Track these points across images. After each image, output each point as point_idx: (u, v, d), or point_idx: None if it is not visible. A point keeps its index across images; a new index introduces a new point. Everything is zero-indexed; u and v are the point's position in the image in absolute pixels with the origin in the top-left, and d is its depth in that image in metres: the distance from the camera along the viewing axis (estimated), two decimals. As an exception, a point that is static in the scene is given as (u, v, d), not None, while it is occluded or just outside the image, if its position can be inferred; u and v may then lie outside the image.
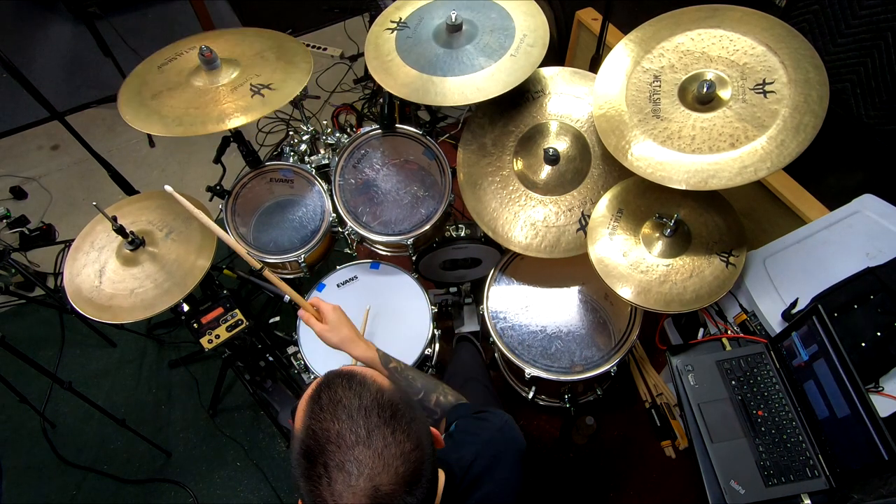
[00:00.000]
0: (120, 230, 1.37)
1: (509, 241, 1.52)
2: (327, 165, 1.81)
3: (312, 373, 1.57)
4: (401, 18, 1.55)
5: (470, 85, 1.40)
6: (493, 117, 1.59)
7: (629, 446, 1.98)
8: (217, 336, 1.51)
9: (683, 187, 1.21)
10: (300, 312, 1.14)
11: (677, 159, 1.24)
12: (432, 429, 0.76)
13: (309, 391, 0.71)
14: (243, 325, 1.53)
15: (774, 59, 1.22)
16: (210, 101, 1.40)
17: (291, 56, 1.51)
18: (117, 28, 3.06)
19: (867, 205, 1.40)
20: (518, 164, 1.55)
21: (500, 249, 1.73)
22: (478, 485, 0.87)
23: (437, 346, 1.67)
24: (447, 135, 2.70)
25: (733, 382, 1.36)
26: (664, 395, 1.99)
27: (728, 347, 1.42)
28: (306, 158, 1.85)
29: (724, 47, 1.28)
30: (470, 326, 2.10)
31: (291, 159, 1.81)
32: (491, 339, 1.59)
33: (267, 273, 1.12)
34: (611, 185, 1.48)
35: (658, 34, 1.36)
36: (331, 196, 1.67)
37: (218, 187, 1.68)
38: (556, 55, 2.59)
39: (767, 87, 1.20)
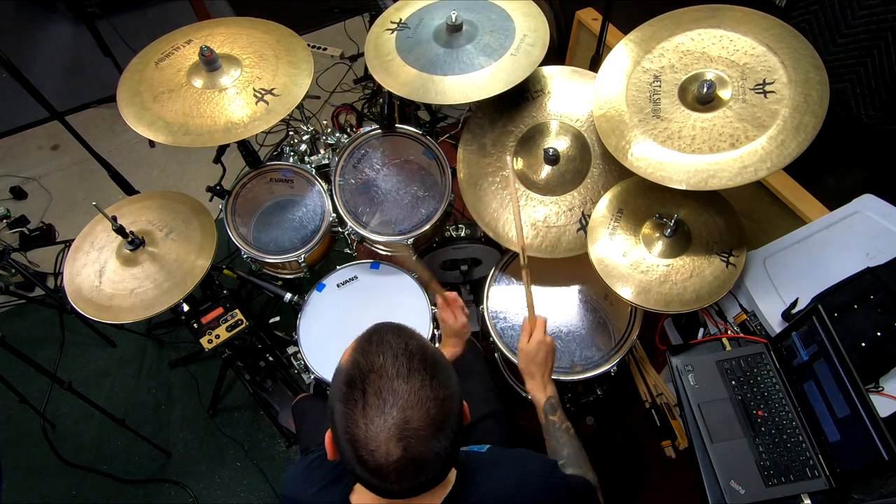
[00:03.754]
0: (120, 230, 1.37)
1: (509, 241, 1.52)
2: (327, 165, 1.80)
3: (312, 373, 1.57)
4: (401, 19, 1.56)
5: (470, 83, 1.40)
6: (493, 117, 1.59)
7: (629, 446, 1.98)
8: (217, 336, 1.51)
9: (683, 187, 1.21)
10: (540, 319, 1.19)
11: (677, 159, 1.24)
12: (464, 402, 0.78)
13: (360, 336, 0.76)
14: (243, 325, 1.53)
15: (774, 59, 1.22)
16: (215, 108, 1.40)
17: (292, 55, 1.51)
18: (117, 28, 3.06)
19: (867, 205, 1.40)
20: (518, 164, 1.55)
21: (500, 249, 1.73)
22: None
23: (437, 346, 1.67)
24: (447, 135, 2.69)
25: (733, 382, 1.36)
26: (664, 395, 1.99)
27: (728, 347, 1.42)
28: (306, 158, 1.85)
29: (725, 47, 1.28)
30: (469, 326, 2.09)
31: (291, 159, 1.81)
32: (491, 339, 1.59)
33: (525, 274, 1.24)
34: (611, 184, 1.48)
35: (658, 34, 1.36)
36: (331, 196, 1.67)
37: (218, 187, 1.68)
38: (556, 55, 2.59)
39: (767, 88, 1.20)
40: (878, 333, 1.21)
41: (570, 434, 1.12)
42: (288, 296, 1.70)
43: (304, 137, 1.89)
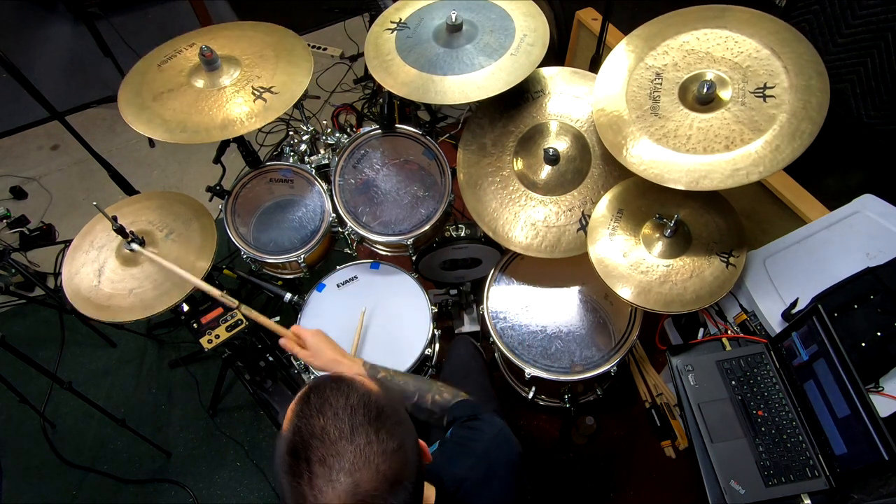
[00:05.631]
0: (120, 230, 1.37)
1: (509, 242, 1.52)
2: (327, 165, 1.80)
3: (312, 373, 1.57)
4: (401, 19, 1.56)
5: (470, 83, 1.40)
6: (493, 117, 1.59)
7: (629, 446, 1.98)
8: (217, 336, 1.51)
9: (676, 186, 1.20)
10: (281, 342, 1.17)
11: (671, 158, 1.24)
12: (420, 441, 0.76)
13: (298, 395, 0.72)
14: (243, 325, 1.53)
15: (777, 63, 1.21)
16: (213, 105, 1.40)
17: (292, 55, 1.51)
18: (117, 28, 3.06)
19: (867, 205, 1.40)
20: (518, 164, 1.55)
21: (500, 249, 1.73)
22: (470, 501, 0.86)
23: (437, 346, 1.67)
24: (447, 135, 2.69)
25: (733, 382, 1.36)
26: (664, 395, 1.99)
27: (728, 347, 1.42)
28: (306, 158, 1.85)
29: (729, 48, 1.27)
30: (470, 326, 2.10)
31: (291, 159, 1.81)
32: (491, 339, 1.59)
33: (245, 310, 1.24)
34: (611, 185, 1.48)
35: (664, 31, 1.36)
36: (331, 196, 1.67)
37: (218, 187, 1.68)
38: (556, 55, 2.59)
39: (768, 91, 1.20)
40: (878, 333, 1.21)
41: (402, 374, 1.18)
42: (288, 296, 1.69)
43: (304, 137, 1.89)
